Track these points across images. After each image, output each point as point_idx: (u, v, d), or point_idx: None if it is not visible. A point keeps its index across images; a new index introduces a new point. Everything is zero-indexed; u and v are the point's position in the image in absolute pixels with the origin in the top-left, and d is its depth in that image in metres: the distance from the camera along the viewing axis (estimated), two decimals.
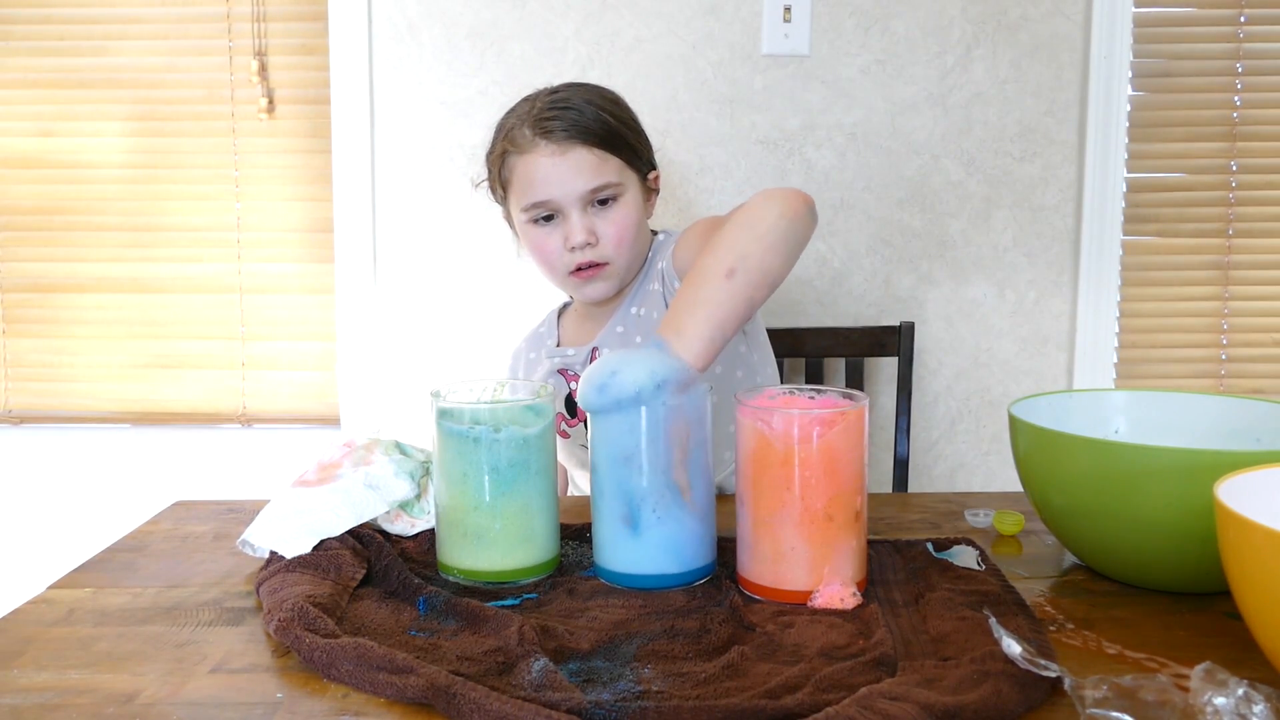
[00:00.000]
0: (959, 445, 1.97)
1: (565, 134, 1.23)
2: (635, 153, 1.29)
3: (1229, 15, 1.90)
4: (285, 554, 0.88)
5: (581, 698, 0.65)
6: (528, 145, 1.24)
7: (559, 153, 1.23)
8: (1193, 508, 0.78)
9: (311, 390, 2.00)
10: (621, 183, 1.26)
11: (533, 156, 1.24)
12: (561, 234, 1.25)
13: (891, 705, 0.62)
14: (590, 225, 1.24)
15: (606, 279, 1.28)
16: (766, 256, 0.99)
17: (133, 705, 0.67)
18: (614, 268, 1.27)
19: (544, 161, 1.23)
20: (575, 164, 1.23)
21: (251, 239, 1.97)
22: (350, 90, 1.89)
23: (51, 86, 1.96)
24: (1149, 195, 1.94)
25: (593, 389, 0.86)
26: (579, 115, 1.24)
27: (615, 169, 1.25)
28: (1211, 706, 0.58)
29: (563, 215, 1.25)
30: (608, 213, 1.25)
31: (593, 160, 1.23)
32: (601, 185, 1.24)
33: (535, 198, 1.24)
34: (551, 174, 1.23)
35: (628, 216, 1.26)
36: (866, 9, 1.87)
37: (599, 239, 1.25)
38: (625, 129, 1.28)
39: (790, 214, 1.02)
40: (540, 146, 1.23)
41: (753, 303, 0.98)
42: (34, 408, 2.03)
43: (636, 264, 1.31)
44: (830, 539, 0.82)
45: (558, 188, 1.23)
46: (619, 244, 1.26)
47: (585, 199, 1.24)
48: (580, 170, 1.23)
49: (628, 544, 0.86)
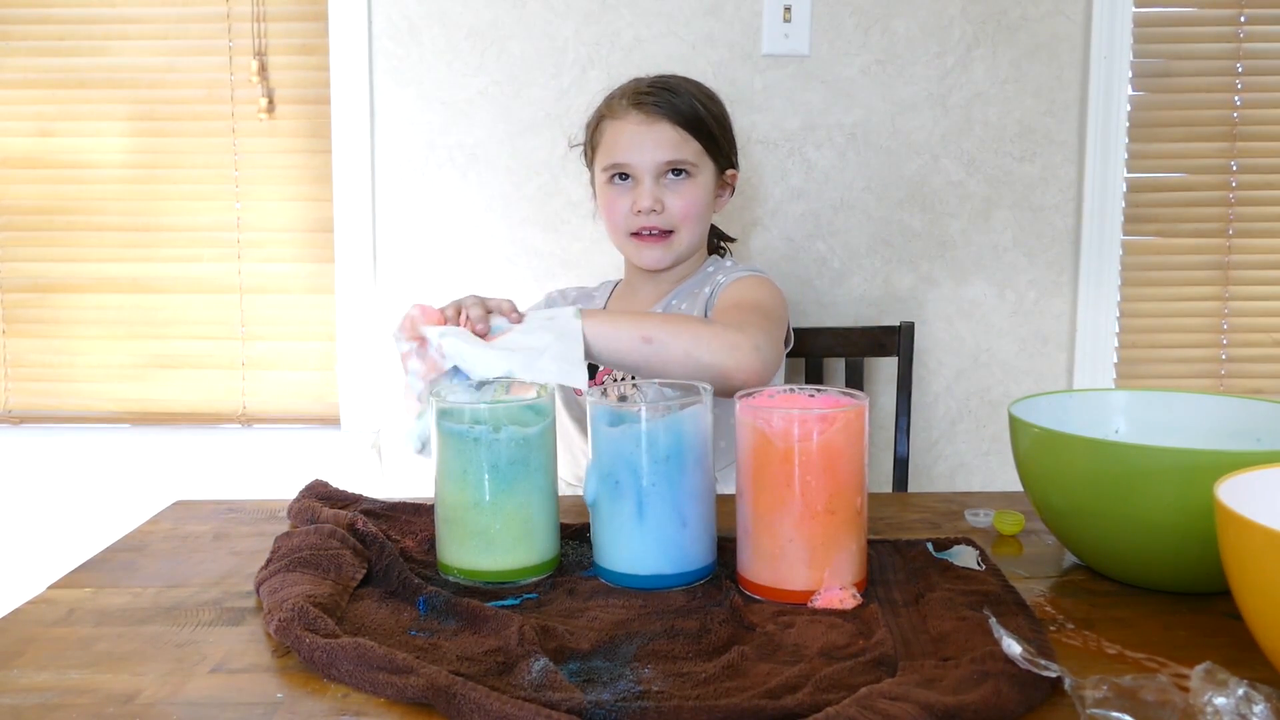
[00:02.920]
0: (959, 445, 1.97)
1: (656, 109, 1.35)
2: (717, 145, 1.40)
3: (1229, 15, 1.90)
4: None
5: (581, 698, 0.65)
6: (621, 112, 1.37)
7: (646, 123, 1.35)
8: (1193, 508, 0.78)
9: (311, 390, 2.00)
10: (697, 164, 1.37)
11: (623, 123, 1.37)
12: (632, 197, 1.36)
13: (891, 705, 0.62)
14: (659, 194, 1.36)
15: (666, 248, 1.38)
16: (676, 363, 1.07)
17: (133, 705, 0.67)
18: (675, 239, 1.38)
19: (631, 128, 1.36)
20: (658, 136, 1.35)
21: (251, 239, 1.97)
22: (350, 90, 1.89)
23: (51, 86, 1.96)
24: (1149, 195, 1.94)
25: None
26: (674, 96, 1.37)
27: (694, 151, 1.37)
28: (1211, 706, 0.58)
29: (636, 180, 1.36)
30: (678, 186, 1.37)
31: (675, 137, 1.35)
32: (677, 160, 1.36)
33: (616, 158, 1.37)
34: (635, 140, 1.36)
35: (696, 195, 1.37)
36: (866, 9, 1.87)
37: (665, 209, 1.36)
38: (713, 121, 1.39)
39: (721, 360, 1.08)
40: (631, 115, 1.36)
41: (634, 367, 1.09)
42: (34, 408, 2.03)
43: (694, 244, 1.41)
44: (830, 538, 0.82)
45: (637, 153, 1.35)
46: (684, 217, 1.37)
47: (660, 169, 1.36)
48: (661, 142, 1.35)
49: (628, 544, 0.86)
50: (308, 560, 0.86)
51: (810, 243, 1.93)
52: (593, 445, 0.88)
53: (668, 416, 0.85)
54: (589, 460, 0.89)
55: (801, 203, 1.91)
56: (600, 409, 0.88)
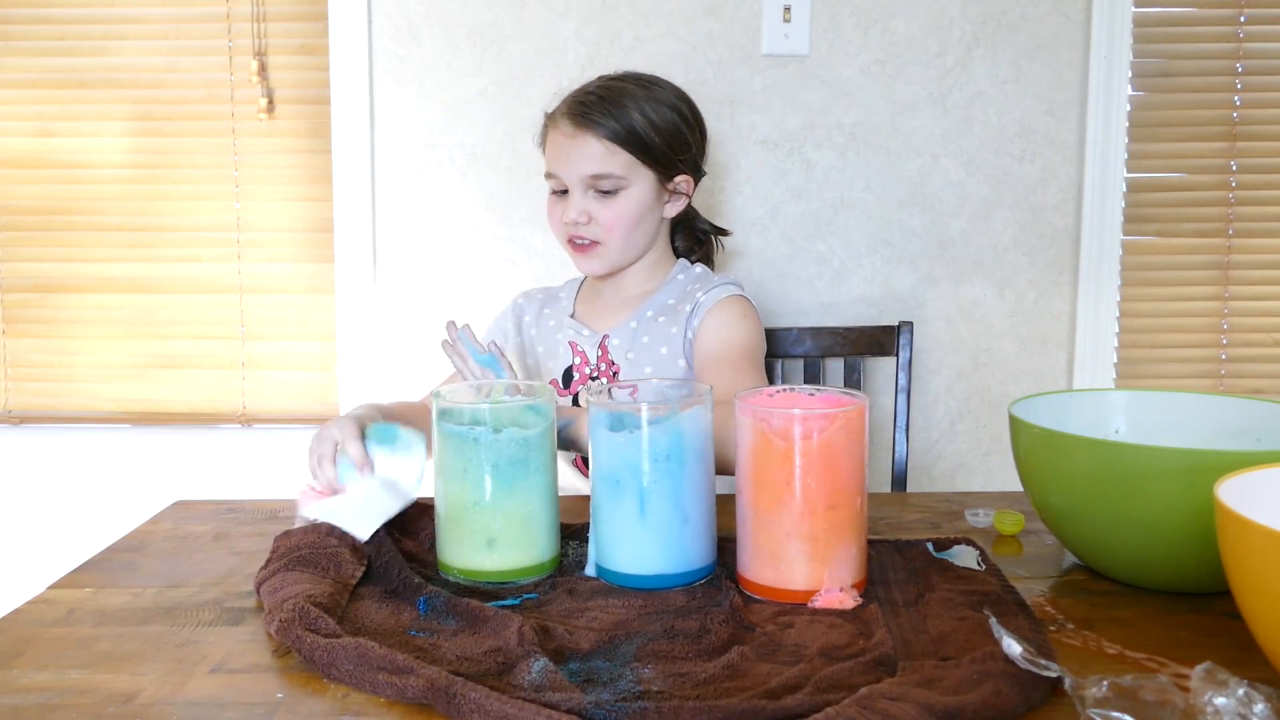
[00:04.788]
0: (959, 445, 1.97)
1: (585, 120, 1.33)
2: (653, 155, 1.36)
3: (1229, 15, 1.90)
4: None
5: (581, 698, 0.65)
6: (557, 120, 1.37)
7: (571, 135, 1.34)
8: (1193, 508, 0.78)
9: (311, 390, 2.00)
10: (626, 177, 1.35)
11: (555, 133, 1.37)
12: (563, 207, 1.37)
13: (891, 705, 0.62)
14: (586, 207, 1.35)
15: (597, 258, 1.38)
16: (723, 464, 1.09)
17: (133, 705, 0.67)
18: (604, 249, 1.37)
19: (560, 139, 1.35)
20: (583, 150, 1.33)
21: (251, 239, 1.97)
22: (350, 90, 1.89)
23: (51, 86, 1.96)
24: (1149, 195, 1.94)
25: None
26: (610, 107, 1.34)
27: (622, 164, 1.34)
28: (1212, 706, 0.58)
29: (569, 190, 1.36)
30: (606, 201, 1.35)
31: (600, 150, 1.33)
32: (602, 174, 1.34)
33: (549, 168, 1.38)
34: (562, 152, 1.35)
35: (625, 209, 1.35)
36: (866, 9, 1.87)
37: (592, 221, 1.35)
38: (653, 132, 1.35)
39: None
40: (562, 125, 1.35)
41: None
42: (34, 408, 2.03)
43: (627, 253, 1.40)
44: (830, 538, 0.82)
45: (564, 165, 1.35)
46: (609, 230, 1.35)
47: (586, 182, 1.34)
48: (587, 156, 1.33)
49: (629, 543, 0.86)
50: (307, 559, 0.86)
51: (810, 243, 1.92)
52: (593, 446, 0.89)
53: (668, 416, 0.85)
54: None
55: (801, 203, 1.91)
56: (601, 410, 0.88)
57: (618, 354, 1.40)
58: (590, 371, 1.41)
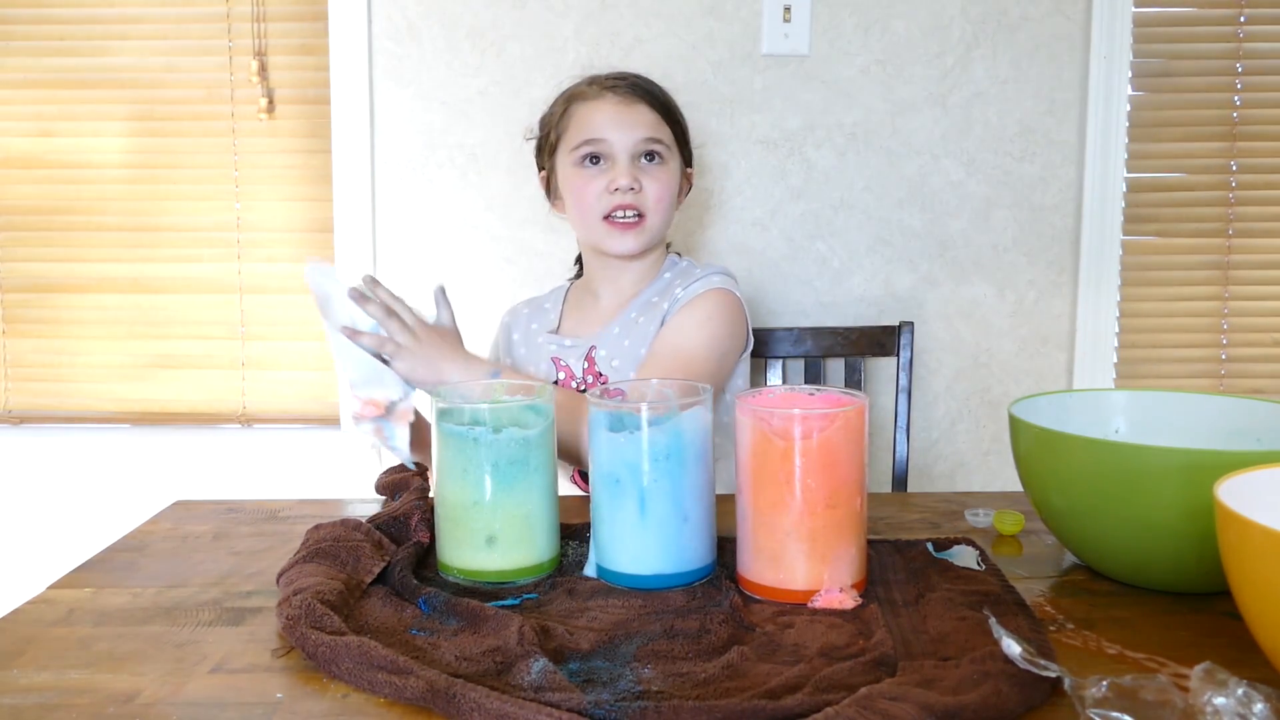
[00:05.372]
0: (959, 445, 1.97)
1: (631, 91, 1.35)
2: (683, 137, 1.40)
3: (1229, 15, 1.90)
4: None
5: (581, 698, 0.65)
6: (594, 95, 1.35)
7: (623, 103, 1.34)
8: (1193, 508, 0.78)
9: (311, 390, 2.00)
10: (670, 148, 1.37)
11: (598, 103, 1.34)
12: (607, 178, 1.33)
13: (891, 705, 0.62)
14: (636, 174, 1.33)
15: (639, 234, 1.34)
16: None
17: (133, 705, 0.67)
18: (648, 224, 1.35)
19: (609, 108, 1.34)
20: (636, 115, 1.34)
21: (251, 239, 1.97)
22: (350, 90, 1.89)
23: (51, 86, 1.96)
24: (1149, 195, 1.94)
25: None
26: (645, 82, 1.38)
27: (668, 136, 1.37)
28: (1211, 706, 0.58)
29: (611, 161, 1.33)
30: (654, 169, 1.35)
31: (652, 118, 1.35)
32: (656, 139, 1.34)
33: (592, 135, 1.33)
34: (613, 118, 1.33)
35: (670, 180, 1.36)
36: (866, 9, 1.87)
37: (641, 190, 1.33)
38: (678, 115, 1.40)
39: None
40: (607, 97, 1.34)
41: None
42: (34, 408, 2.03)
43: (662, 233, 1.39)
44: (830, 538, 0.82)
45: (616, 130, 1.32)
46: (658, 201, 1.34)
47: (638, 149, 1.33)
48: (640, 122, 1.34)
49: (628, 544, 0.86)
50: (327, 551, 0.87)
51: (810, 243, 1.92)
52: (593, 446, 0.88)
53: (668, 416, 0.85)
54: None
55: (801, 203, 1.91)
56: (601, 410, 0.88)
57: (604, 364, 1.36)
58: (576, 385, 1.37)
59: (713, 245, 1.92)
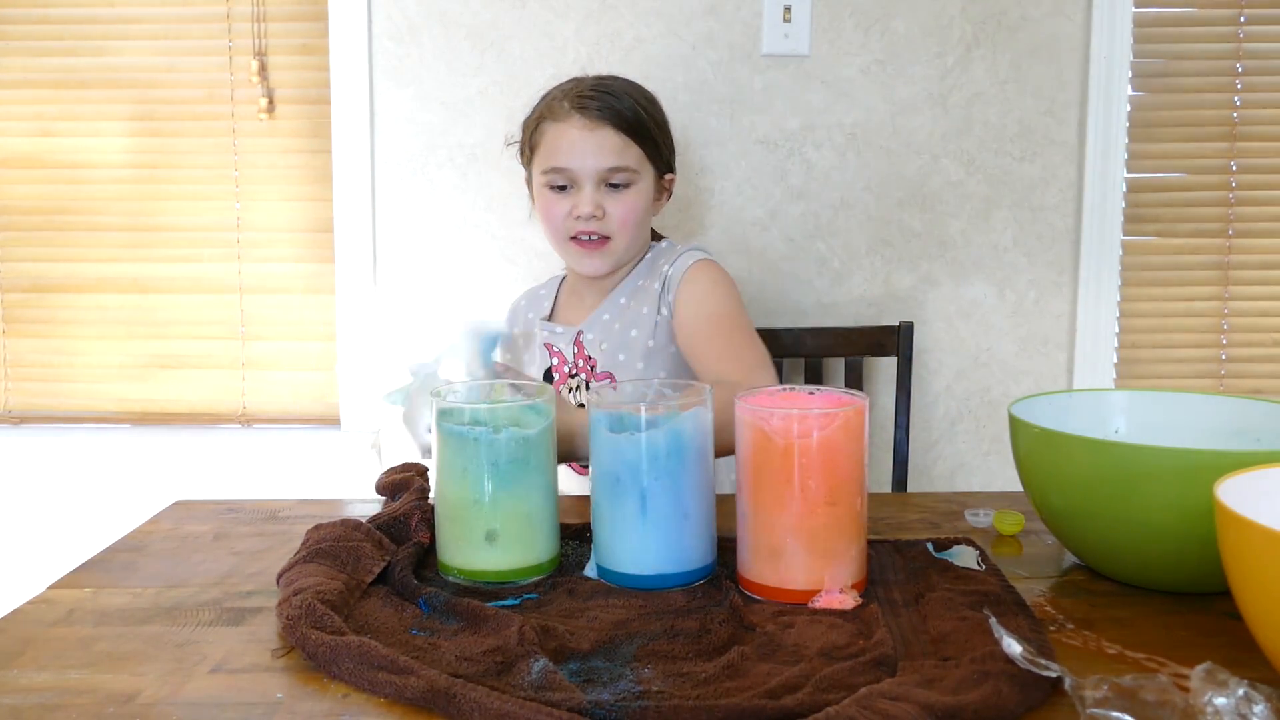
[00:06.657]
0: (959, 445, 1.97)
1: (599, 113, 1.33)
2: (657, 150, 1.39)
3: (1229, 15, 1.90)
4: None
5: (581, 698, 0.65)
6: (563, 115, 1.35)
7: (588, 128, 1.33)
8: (1193, 508, 0.78)
9: (311, 390, 2.00)
10: (638, 171, 1.36)
11: (565, 126, 1.34)
12: (571, 202, 1.35)
13: (891, 705, 0.62)
14: (599, 201, 1.34)
15: (604, 256, 1.37)
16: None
17: (133, 705, 0.67)
18: (613, 246, 1.36)
19: (573, 133, 1.34)
20: (600, 142, 1.33)
21: (251, 239, 1.97)
22: (350, 90, 1.89)
23: (51, 86, 1.96)
24: (1149, 195, 1.94)
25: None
26: (616, 101, 1.35)
27: (635, 158, 1.36)
28: (1212, 706, 0.58)
29: (576, 186, 1.34)
30: (618, 195, 1.35)
31: (617, 143, 1.34)
32: (619, 167, 1.34)
33: (557, 163, 1.35)
34: (577, 145, 1.34)
35: (635, 203, 1.36)
36: (866, 9, 1.87)
37: (605, 215, 1.34)
38: (654, 125, 1.39)
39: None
40: (574, 119, 1.34)
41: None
42: (34, 408, 2.03)
43: (633, 251, 1.40)
44: (830, 538, 0.82)
45: (579, 159, 1.33)
46: (623, 225, 1.35)
47: (601, 176, 1.34)
48: (603, 148, 1.33)
49: (628, 544, 0.86)
50: (327, 551, 0.87)
51: (810, 243, 1.92)
52: (593, 446, 0.89)
53: (668, 416, 0.85)
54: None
55: (801, 203, 1.91)
56: (601, 410, 0.88)
57: (593, 348, 1.39)
58: (569, 369, 1.41)
59: (713, 245, 1.92)
